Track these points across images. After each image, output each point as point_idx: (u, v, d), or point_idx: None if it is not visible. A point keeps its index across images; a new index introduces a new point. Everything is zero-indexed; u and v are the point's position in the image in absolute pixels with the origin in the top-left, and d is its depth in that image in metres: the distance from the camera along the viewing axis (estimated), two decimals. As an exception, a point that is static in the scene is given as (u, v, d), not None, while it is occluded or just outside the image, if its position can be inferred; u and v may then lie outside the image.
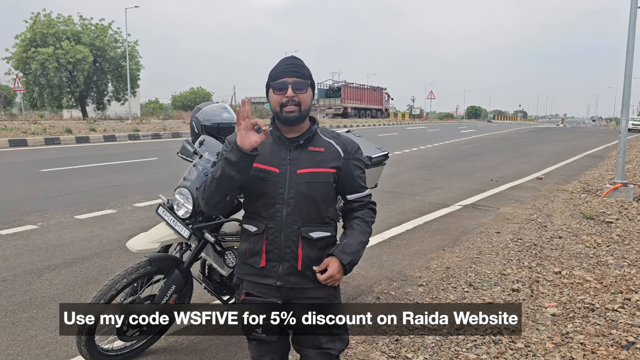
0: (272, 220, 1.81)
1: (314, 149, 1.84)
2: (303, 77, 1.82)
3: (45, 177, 9.24)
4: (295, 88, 1.79)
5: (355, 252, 1.85)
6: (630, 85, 8.09)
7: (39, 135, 17.24)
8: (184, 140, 3.03)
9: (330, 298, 1.89)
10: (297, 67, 1.83)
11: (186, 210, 2.69)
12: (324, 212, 1.86)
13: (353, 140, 1.94)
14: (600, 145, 21.28)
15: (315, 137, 1.87)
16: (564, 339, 3.07)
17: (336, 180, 1.87)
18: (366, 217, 1.94)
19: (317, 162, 1.82)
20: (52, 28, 32.89)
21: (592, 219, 6.31)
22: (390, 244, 5.28)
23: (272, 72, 1.85)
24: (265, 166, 1.81)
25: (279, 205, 1.80)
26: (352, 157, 1.90)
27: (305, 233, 1.82)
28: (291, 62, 1.84)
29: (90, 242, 5.09)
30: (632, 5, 7.92)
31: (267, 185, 1.80)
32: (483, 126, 46.13)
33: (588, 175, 11.26)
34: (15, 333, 3.14)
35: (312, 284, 1.85)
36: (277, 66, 1.85)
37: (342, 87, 49.64)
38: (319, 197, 1.83)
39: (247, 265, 1.90)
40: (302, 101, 1.80)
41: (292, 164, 1.81)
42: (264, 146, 1.82)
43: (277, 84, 1.80)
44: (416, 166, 12.27)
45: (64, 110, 38.97)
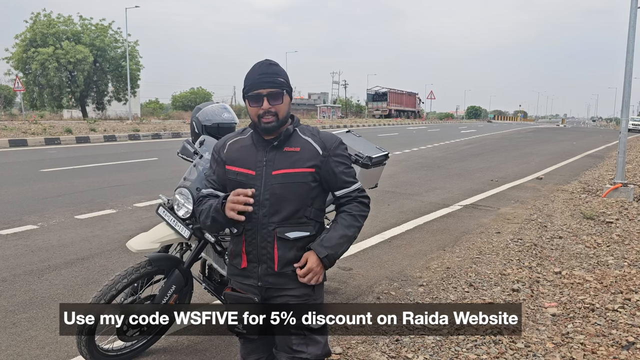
0: (249, 221, 1.81)
1: (290, 149, 1.83)
2: (278, 87, 1.78)
3: (46, 177, 9.24)
4: (271, 99, 1.77)
5: (334, 246, 1.82)
6: (630, 86, 8.09)
7: (39, 135, 17.25)
8: (184, 140, 3.03)
9: (306, 298, 1.86)
10: (271, 75, 1.78)
11: (186, 211, 2.69)
12: (301, 212, 1.83)
13: (334, 137, 1.90)
14: (600, 146, 21.29)
15: (292, 137, 1.85)
16: (564, 339, 3.07)
17: (318, 179, 1.84)
18: (353, 210, 1.90)
19: (292, 162, 1.81)
20: (52, 28, 32.91)
21: (592, 219, 6.31)
22: (391, 244, 5.28)
23: (246, 81, 1.81)
24: (242, 169, 1.83)
25: (255, 207, 1.78)
26: (332, 154, 1.85)
27: (280, 233, 1.81)
28: (264, 71, 1.79)
29: (90, 242, 5.09)
30: (632, 6, 7.92)
31: (244, 187, 1.79)
32: (483, 126, 46.13)
33: (588, 175, 11.26)
34: (15, 333, 3.14)
35: (292, 284, 1.84)
36: (251, 75, 1.80)
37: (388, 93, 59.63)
38: (295, 198, 1.81)
39: (232, 266, 1.93)
40: (279, 111, 1.79)
41: (268, 166, 1.81)
42: (242, 149, 1.86)
43: (252, 96, 1.78)
44: (416, 166, 12.27)
45: (64, 110, 39.00)
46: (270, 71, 1.79)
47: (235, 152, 1.88)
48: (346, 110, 70.72)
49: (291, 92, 1.86)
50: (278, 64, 1.84)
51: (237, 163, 1.85)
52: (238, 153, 1.87)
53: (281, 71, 1.82)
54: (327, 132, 1.94)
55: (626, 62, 8.04)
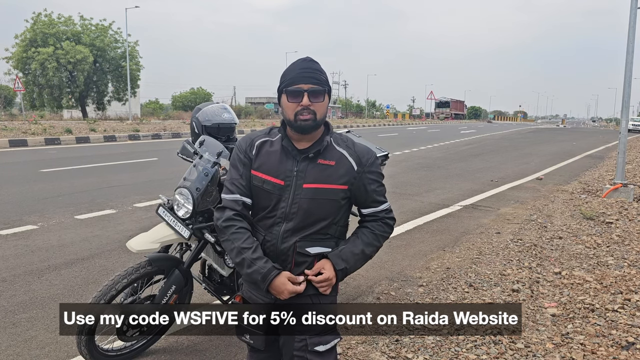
0: (270, 233, 1.74)
1: (324, 162, 1.72)
2: (320, 84, 1.67)
3: (46, 177, 9.24)
4: (312, 96, 1.65)
5: (351, 261, 1.75)
6: (630, 86, 8.09)
7: (39, 135, 17.25)
8: (184, 141, 3.03)
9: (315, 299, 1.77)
10: (314, 72, 1.68)
11: (186, 211, 2.69)
12: (326, 229, 1.75)
13: (370, 151, 1.80)
14: (600, 146, 21.29)
15: (327, 148, 1.74)
16: (564, 340, 3.07)
17: (349, 195, 1.77)
18: (376, 230, 1.82)
19: (325, 177, 1.71)
20: (52, 28, 32.90)
21: (592, 220, 6.31)
22: (391, 244, 5.28)
23: (286, 75, 1.70)
24: (270, 177, 1.72)
25: (279, 219, 1.71)
26: (367, 170, 1.76)
27: (301, 248, 1.73)
28: (307, 67, 1.68)
29: (90, 242, 5.09)
30: (632, 6, 7.92)
31: (270, 197, 1.71)
32: (483, 127, 46.13)
33: (588, 175, 11.26)
34: (15, 333, 3.14)
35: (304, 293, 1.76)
36: (291, 69, 1.69)
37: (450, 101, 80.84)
38: (323, 214, 1.73)
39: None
40: (318, 110, 1.67)
41: (299, 177, 1.70)
42: (271, 154, 1.74)
43: (292, 91, 1.66)
44: (416, 166, 12.27)
45: (64, 110, 38.96)
46: (313, 67, 1.69)
47: (263, 157, 1.75)
48: (346, 110, 70.82)
49: (330, 93, 1.75)
50: (320, 66, 1.73)
51: (264, 169, 1.72)
52: (266, 158, 1.74)
53: (323, 70, 1.72)
54: (362, 145, 1.82)
55: (626, 62, 8.05)
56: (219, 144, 2.80)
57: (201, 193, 2.64)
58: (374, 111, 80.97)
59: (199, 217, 2.74)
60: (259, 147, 1.77)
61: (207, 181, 2.66)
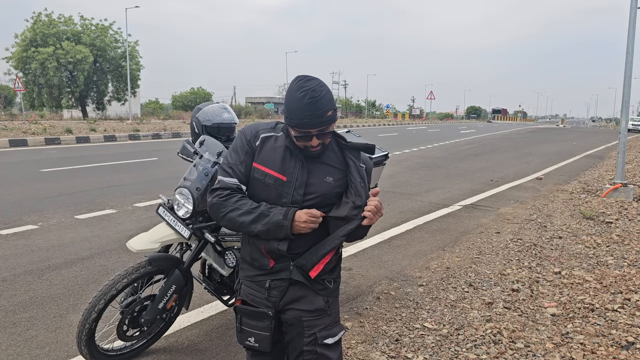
0: None
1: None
2: (328, 122, 1.64)
3: (46, 177, 9.24)
4: (320, 136, 1.66)
5: None
6: (630, 86, 8.10)
7: (39, 135, 17.25)
8: (185, 140, 3.04)
9: (320, 313, 1.78)
10: (321, 115, 1.60)
11: (186, 210, 2.69)
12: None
13: (368, 160, 1.87)
14: (600, 146, 21.29)
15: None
16: (563, 339, 3.07)
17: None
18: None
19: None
20: (53, 28, 32.90)
21: (592, 219, 6.32)
22: (390, 244, 5.28)
23: (291, 113, 1.62)
24: (273, 172, 1.72)
25: None
26: (367, 170, 1.84)
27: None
28: (312, 112, 1.59)
29: (90, 242, 5.10)
30: (632, 6, 7.93)
31: (271, 191, 1.72)
32: (483, 126, 46.13)
33: (588, 175, 11.26)
34: (15, 333, 3.14)
35: (312, 295, 1.77)
36: (296, 110, 1.60)
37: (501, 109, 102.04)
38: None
39: (255, 268, 1.82)
40: (327, 138, 1.71)
41: (301, 175, 1.72)
42: (275, 150, 1.75)
43: (300, 135, 1.65)
44: (416, 166, 12.27)
45: (64, 110, 38.97)
46: (319, 110, 1.59)
47: (268, 151, 1.75)
48: (346, 110, 70.83)
49: (336, 110, 1.72)
50: (323, 90, 1.61)
51: (267, 164, 1.72)
52: (270, 153, 1.74)
53: (329, 100, 1.62)
54: (362, 144, 1.84)
55: (626, 62, 8.05)
56: (219, 144, 2.80)
57: (201, 193, 2.64)
58: (373, 111, 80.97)
59: (199, 216, 2.74)
60: (264, 140, 1.77)
61: (207, 181, 2.66)
